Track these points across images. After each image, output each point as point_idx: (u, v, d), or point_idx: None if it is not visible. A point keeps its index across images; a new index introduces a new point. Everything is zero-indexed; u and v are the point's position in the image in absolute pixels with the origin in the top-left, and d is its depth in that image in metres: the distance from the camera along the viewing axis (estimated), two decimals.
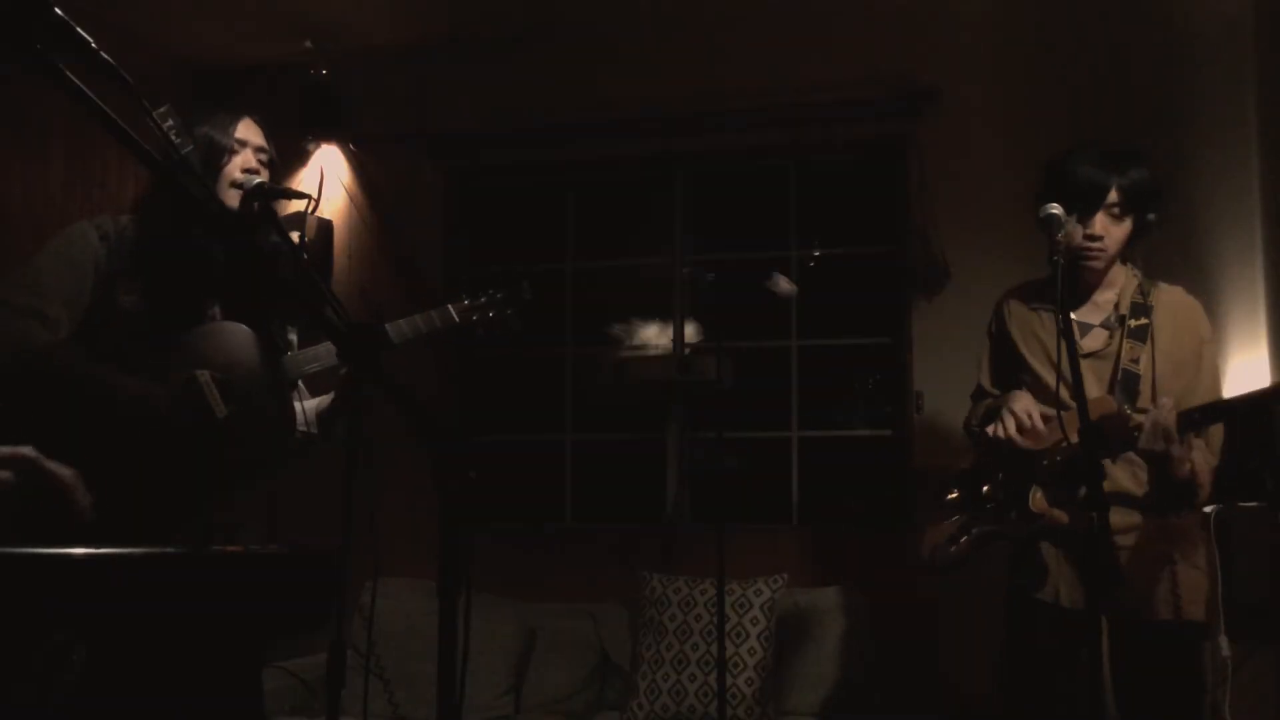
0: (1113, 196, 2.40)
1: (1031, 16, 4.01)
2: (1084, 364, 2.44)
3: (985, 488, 2.58)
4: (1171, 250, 3.40)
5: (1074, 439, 2.31)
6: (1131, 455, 2.40)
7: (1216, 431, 2.44)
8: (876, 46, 4.13)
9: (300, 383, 2.44)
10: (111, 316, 2.15)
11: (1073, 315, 2.51)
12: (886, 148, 4.18)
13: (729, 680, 3.37)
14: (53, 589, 1.23)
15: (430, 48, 4.49)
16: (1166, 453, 2.25)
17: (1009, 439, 2.46)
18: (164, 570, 1.35)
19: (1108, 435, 2.28)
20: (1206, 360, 2.49)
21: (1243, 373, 3.55)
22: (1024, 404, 2.49)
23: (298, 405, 2.39)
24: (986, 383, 2.73)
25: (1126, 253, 2.51)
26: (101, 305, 2.16)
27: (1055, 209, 2.19)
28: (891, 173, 4.22)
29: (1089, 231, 2.41)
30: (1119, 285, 2.52)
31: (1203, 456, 2.34)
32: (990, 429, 2.53)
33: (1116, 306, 2.51)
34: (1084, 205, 2.40)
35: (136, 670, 1.32)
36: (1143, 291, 2.50)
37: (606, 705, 3.84)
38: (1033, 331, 2.58)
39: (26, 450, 1.39)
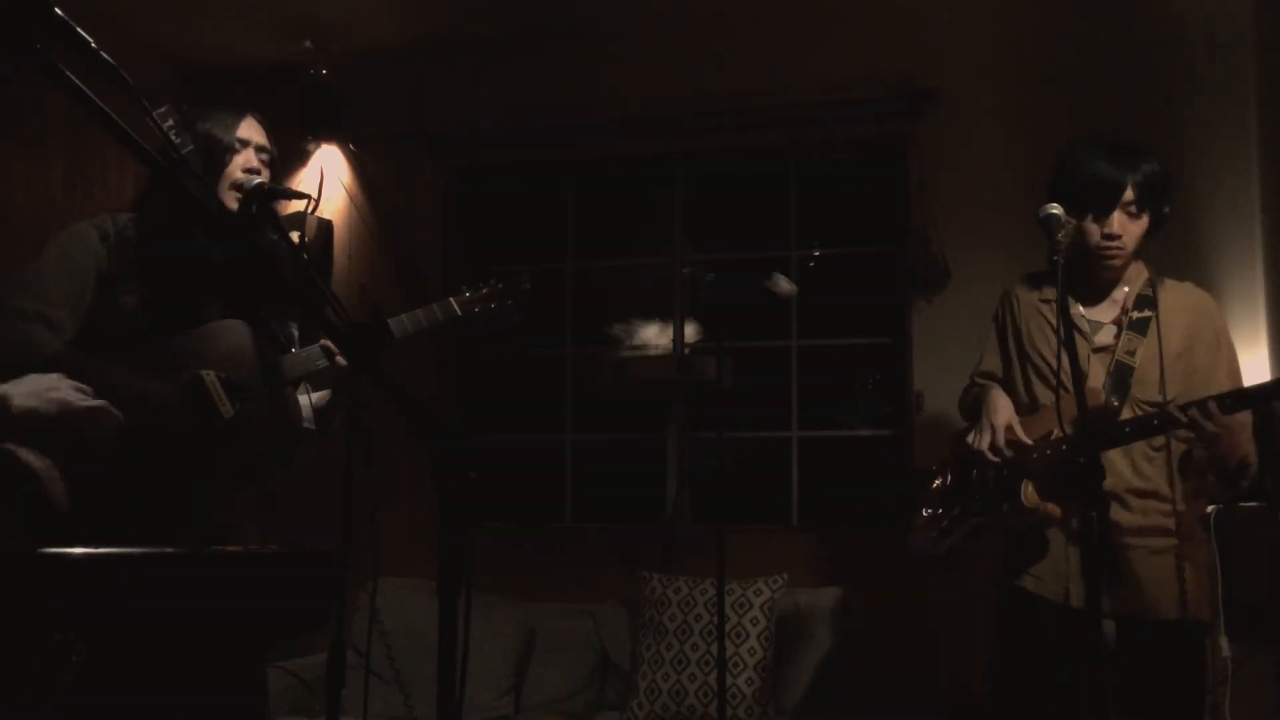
0: (1129, 194, 2.39)
1: (1032, 16, 4.01)
2: (1094, 358, 2.46)
3: (975, 479, 2.59)
4: (1172, 249, 3.39)
5: (1066, 429, 2.32)
6: (1136, 446, 2.41)
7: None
8: (876, 46, 4.13)
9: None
10: (113, 317, 2.15)
11: (1085, 312, 2.52)
12: (886, 148, 4.18)
13: (729, 680, 3.37)
14: (53, 589, 1.23)
15: (430, 48, 4.50)
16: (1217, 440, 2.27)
17: (983, 452, 2.50)
18: (164, 570, 1.35)
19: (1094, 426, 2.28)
20: (1225, 347, 2.50)
21: (1242, 371, 3.55)
22: (1003, 417, 2.51)
23: (303, 399, 2.39)
24: (987, 364, 2.73)
25: (1140, 248, 2.51)
26: (103, 306, 2.15)
27: (1055, 209, 2.19)
28: (891, 173, 4.22)
29: (1107, 230, 2.41)
30: (1132, 280, 2.53)
31: (1244, 435, 2.36)
32: (970, 438, 2.56)
33: (1124, 302, 2.51)
34: (1101, 205, 2.40)
35: (136, 670, 1.32)
36: (1151, 285, 2.51)
37: (606, 705, 3.84)
38: (1043, 319, 2.58)
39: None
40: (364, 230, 4.58)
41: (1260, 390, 2.31)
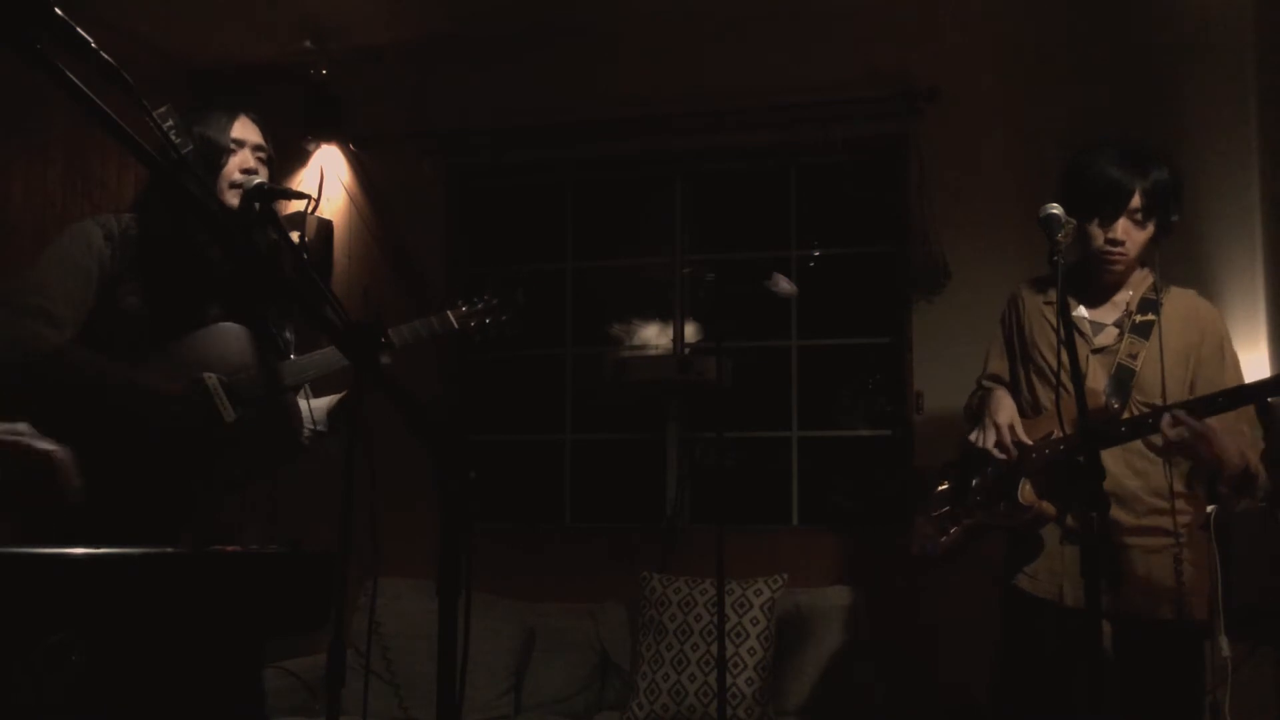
0: (1136, 201, 2.39)
1: (1031, 16, 4.01)
2: (1094, 359, 2.46)
3: (975, 480, 2.59)
4: (1172, 250, 3.38)
5: (1067, 430, 2.33)
6: (1135, 448, 2.40)
7: (1249, 418, 2.42)
8: (876, 46, 4.13)
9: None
10: (115, 317, 2.15)
11: (1088, 313, 2.53)
12: (886, 148, 4.18)
13: (729, 680, 3.37)
14: (53, 589, 1.23)
15: (430, 48, 4.49)
16: (1193, 446, 2.24)
17: (987, 451, 2.50)
18: (164, 570, 1.35)
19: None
20: (1230, 360, 2.49)
21: (1245, 377, 3.55)
22: (1006, 415, 2.51)
23: (304, 404, 2.39)
24: (993, 368, 2.73)
25: (1145, 254, 2.50)
26: (105, 306, 2.15)
27: (1055, 209, 2.19)
28: (891, 173, 4.22)
29: (1111, 236, 2.41)
30: (1136, 286, 2.53)
31: (1249, 444, 2.33)
32: (973, 436, 2.57)
33: (1128, 305, 2.51)
34: (1107, 210, 2.39)
35: (136, 670, 1.32)
36: (1155, 290, 2.51)
37: (606, 705, 3.84)
38: (1045, 321, 2.58)
39: (21, 426, 1.39)
40: (364, 230, 4.58)
41: (1236, 393, 2.30)
